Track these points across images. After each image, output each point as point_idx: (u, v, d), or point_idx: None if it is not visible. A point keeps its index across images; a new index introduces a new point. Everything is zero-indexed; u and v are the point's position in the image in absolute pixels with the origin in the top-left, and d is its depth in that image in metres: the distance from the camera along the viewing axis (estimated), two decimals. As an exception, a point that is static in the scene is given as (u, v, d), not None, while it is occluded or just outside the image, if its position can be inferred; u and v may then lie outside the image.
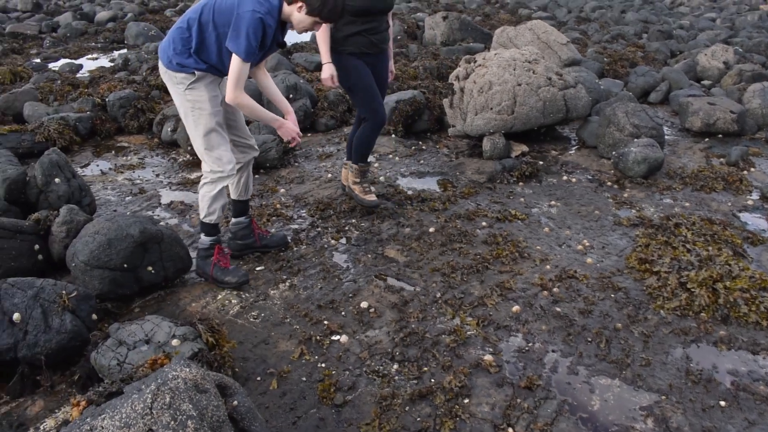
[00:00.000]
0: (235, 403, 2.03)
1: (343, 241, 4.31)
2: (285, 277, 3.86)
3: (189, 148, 5.74)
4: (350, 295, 3.66)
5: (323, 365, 3.08)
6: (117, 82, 7.59)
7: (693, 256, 3.96)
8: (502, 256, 4.05)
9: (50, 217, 3.86)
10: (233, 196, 3.93)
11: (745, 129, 6.56)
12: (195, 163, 5.72)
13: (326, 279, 3.83)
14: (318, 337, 3.27)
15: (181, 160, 5.90)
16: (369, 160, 4.77)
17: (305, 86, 6.93)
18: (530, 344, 3.24)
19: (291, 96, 6.48)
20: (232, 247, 4.00)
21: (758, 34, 12.57)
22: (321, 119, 6.74)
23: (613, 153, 5.56)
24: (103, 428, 1.72)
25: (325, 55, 4.23)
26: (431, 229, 4.42)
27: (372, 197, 4.70)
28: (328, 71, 4.23)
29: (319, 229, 4.48)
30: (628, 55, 9.85)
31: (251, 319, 3.45)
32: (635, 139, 5.54)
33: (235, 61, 3.22)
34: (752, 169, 5.64)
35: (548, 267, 3.94)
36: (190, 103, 3.44)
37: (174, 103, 3.84)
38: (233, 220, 4.01)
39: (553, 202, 4.92)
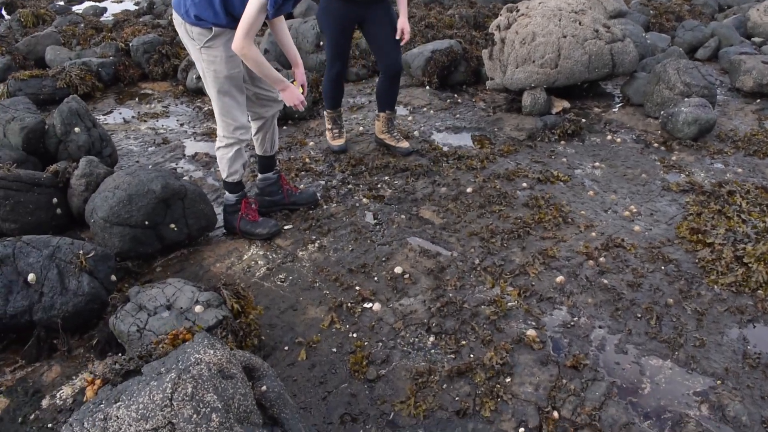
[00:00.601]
0: (264, 388, 1.87)
1: (376, 199, 4.10)
2: (314, 237, 3.67)
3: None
4: (383, 259, 3.47)
5: (354, 335, 2.91)
6: (141, 26, 7.32)
7: (749, 227, 3.69)
8: (545, 220, 3.81)
9: (69, 169, 3.69)
10: (258, 152, 3.74)
11: (802, 89, 6.13)
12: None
13: (357, 241, 3.64)
14: (349, 304, 3.10)
15: (206, 108, 5.68)
16: (402, 112, 4.60)
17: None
18: (575, 318, 3.04)
19: (321, 43, 6.17)
20: (260, 204, 3.82)
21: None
22: (352, 69, 6.44)
23: (662, 112, 5.22)
24: (118, 418, 1.56)
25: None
26: (469, 189, 4.18)
27: (340, 141, 4.67)
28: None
29: (350, 186, 4.26)
30: (674, 8, 9.27)
31: (278, 282, 3.29)
32: (686, 99, 5.18)
33: (254, 6, 2.92)
34: (811, 133, 5.26)
35: (593, 234, 3.70)
36: (205, 62, 3.21)
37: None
38: (260, 176, 3.82)
39: (597, 164, 4.64)
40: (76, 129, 4.06)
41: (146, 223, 3.33)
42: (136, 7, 9.58)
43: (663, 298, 3.18)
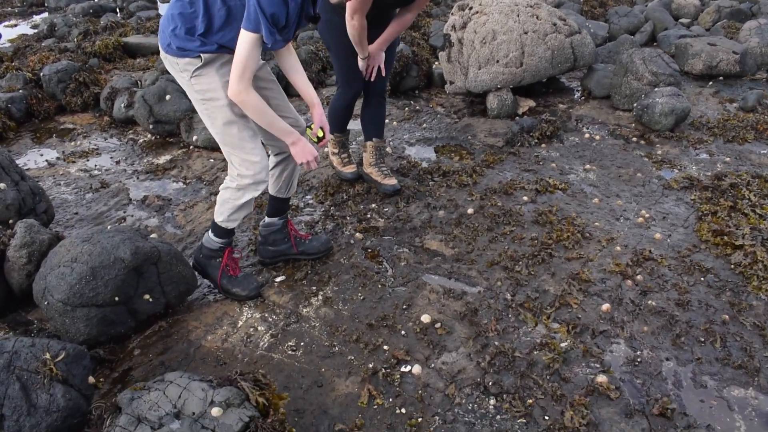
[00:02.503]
0: None
1: (370, 232, 3.61)
2: (314, 288, 3.15)
3: (150, 126, 4.81)
4: (403, 306, 3.01)
5: (403, 411, 2.44)
6: (47, 51, 6.43)
7: (770, 222, 3.52)
8: (563, 238, 3.47)
9: (3, 238, 2.98)
10: (270, 191, 3.15)
11: (746, 69, 6.19)
12: (160, 144, 4.82)
13: (366, 286, 3.15)
14: (384, 370, 2.62)
15: (141, 141, 4.97)
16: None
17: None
18: (638, 353, 2.70)
19: (260, 56, 5.58)
20: (262, 254, 3.26)
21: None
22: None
23: (635, 105, 5.04)
24: None
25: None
26: (469, 210, 3.78)
27: (352, 168, 4.14)
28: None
29: (337, 219, 3.75)
30: (596, -7, 9.30)
31: (290, 352, 2.75)
32: (656, 89, 5.02)
33: (246, 41, 2.41)
34: (773, 114, 5.25)
35: (618, 248, 3.40)
36: (198, 93, 2.66)
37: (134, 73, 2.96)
38: (266, 220, 3.24)
39: (587, 166, 4.37)
40: (1, 185, 3.32)
41: (116, 299, 2.70)
42: (35, 31, 8.51)
43: (717, 315, 2.91)
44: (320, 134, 2.90)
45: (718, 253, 3.35)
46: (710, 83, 6.05)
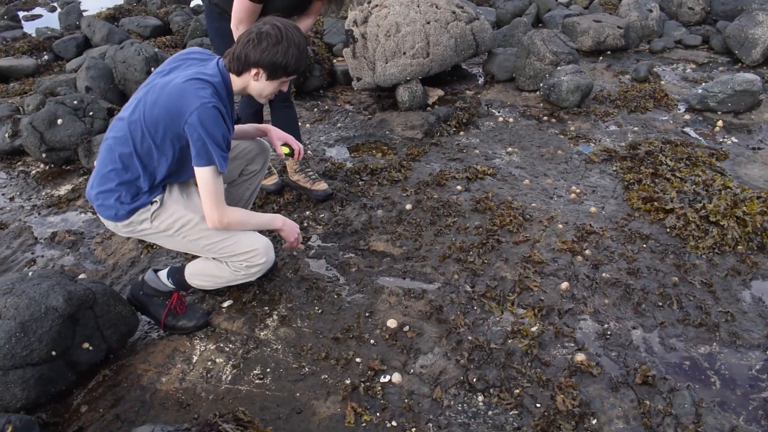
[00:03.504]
0: None
1: (312, 241, 3.44)
2: (267, 308, 2.94)
3: (43, 155, 4.34)
4: (366, 314, 2.87)
5: (394, 423, 2.31)
6: None
7: (690, 184, 3.70)
8: (506, 223, 3.47)
9: None
10: None
11: (629, 42, 6.54)
12: (57, 173, 4.36)
13: (322, 299, 2.98)
14: (363, 384, 2.47)
15: (34, 172, 4.46)
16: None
17: (164, 55, 5.62)
18: (606, 326, 2.73)
19: (152, 69, 5.19)
20: (132, 292, 2.82)
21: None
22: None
23: (541, 85, 5.17)
24: None
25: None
26: (407, 206, 3.69)
27: (273, 179, 3.94)
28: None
29: (273, 232, 3.53)
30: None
31: (257, 381, 2.54)
32: (558, 68, 5.18)
33: (208, 176, 2.35)
34: (662, 82, 5.58)
35: (560, 226, 3.44)
36: (168, 229, 2.54)
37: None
38: (158, 275, 2.87)
39: (509, 149, 4.42)
40: None
41: (53, 353, 2.37)
42: None
43: (667, 278, 3.01)
44: (286, 151, 2.95)
45: (651, 219, 3.47)
46: (600, 58, 6.33)
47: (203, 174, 2.36)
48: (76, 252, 3.46)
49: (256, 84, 2.48)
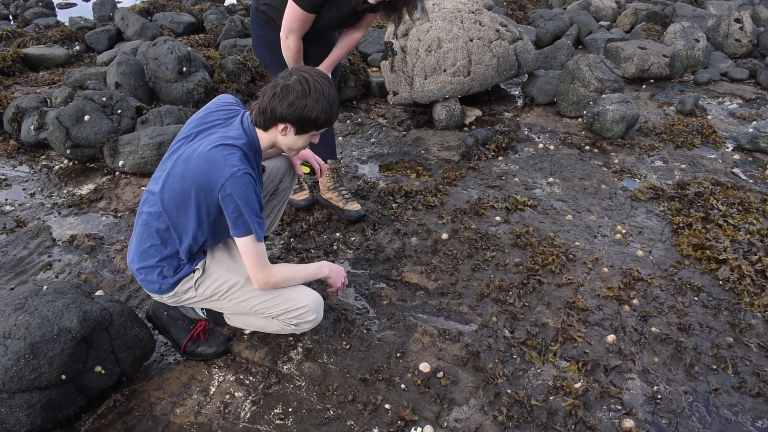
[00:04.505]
0: None
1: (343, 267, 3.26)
2: (291, 339, 2.77)
3: (68, 151, 4.21)
4: (397, 354, 2.69)
5: (426, 484, 2.12)
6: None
7: (744, 233, 3.49)
8: (548, 262, 3.28)
9: None
10: None
11: (674, 72, 6.33)
12: (80, 171, 4.24)
13: (350, 333, 2.81)
14: (393, 435, 2.29)
15: (57, 168, 4.34)
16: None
17: (197, 54, 5.49)
18: (655, 388, 2.53)
19: (185, 69, 5.06)
20: (155, 312, 2.69)
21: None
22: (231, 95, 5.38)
23: (585, 112, 4.97)
24: None
25: None
26: (444, 236, 3.51)
27: (305, 195, 3.77)
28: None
29: (300, 253, 3.37)
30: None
31: (277, 421, 2.37)
32: (603, 95, 4.98)
33: (247, 244, 2.25)
34: (709, 117, 5.37)
35: (605, 270, 3.25)
36: (214, 294, 2.44)
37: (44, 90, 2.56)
38: None
39: (550, 179, 4.22)
40: None
41: (63, 377, 2.22)
42: None
43: (720, 337, 2.81)
44: (306, 170, 2.88)
45: (703, 269, 3.26)
46: (644, 86, 6.12)
47: (242, 243, 2.24)
48: (95, 259, 3.32)
49: (285, 139, 2.33)
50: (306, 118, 2.24)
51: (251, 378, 2.56)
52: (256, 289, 2.38)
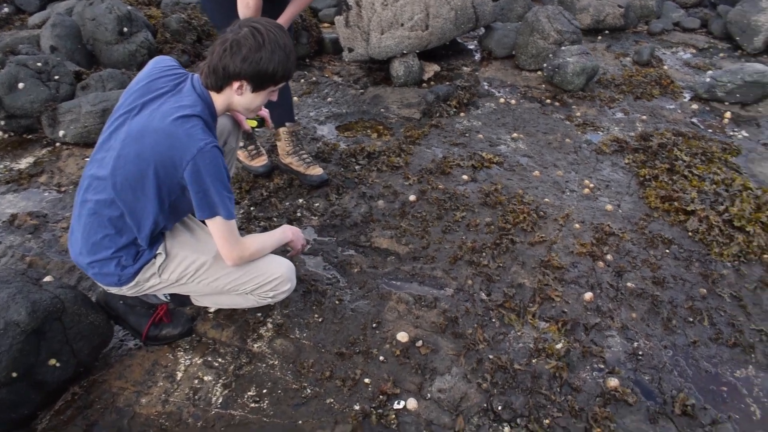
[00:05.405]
0: None
1: (306, 234, 3.12)
2: (259, 314, 2.63)
3: (2, 123, 3.88)
4: (372, 325, 2.58)
5: (413, 458, 2.05)
6: None
7: (710, 183, 3.49)
8: (519, 221, 3.20)
9: None
10: None
11: (628, 22, 6.28)
12: (17, 143, 3.92)
13: (322, 304, 2.68)
14: (375, 412, 2.20)
15: (-11, 138, 4.00)
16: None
17: (137, 13, 5.12)
18: (636, 344, 2.51)
19: (126, 29, 4.71)
20: (108, 301, 2.43)
21: None
22: (169, 56, 5.04)
23: (545, 65, 4.88)
24: None
25: None
26: (411, 197, 3.39)
27: (262, 161, 3.57)
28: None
29: (262, 222, 3.20)
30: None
31: (252, 405, 2.24)
32: (563, 48, 4.88)
33: (221, 223, 2.06)
34: (665, 67, 5.35)
35: (577, 226, 3.20)
36: (181, 278, 2.23)
37: None
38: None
39: (514, 135, 4.13)
40: None
41: (14, 375, 2.03)
42: None
43: (694, 289, 2.81)
44: (254, 124, 2.65)
45: (672, 221, 3.25)
46: (599, 37, 6.06)
47: (214, 222, 2.06)
48: (39, 239, 3.07)
49: (241, 99, 2.11)
50: (263, 72, 2.02)
51: (220, 359, 2.42)
52: (226, 266, 2.20)
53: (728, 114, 4.44)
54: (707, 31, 6.30)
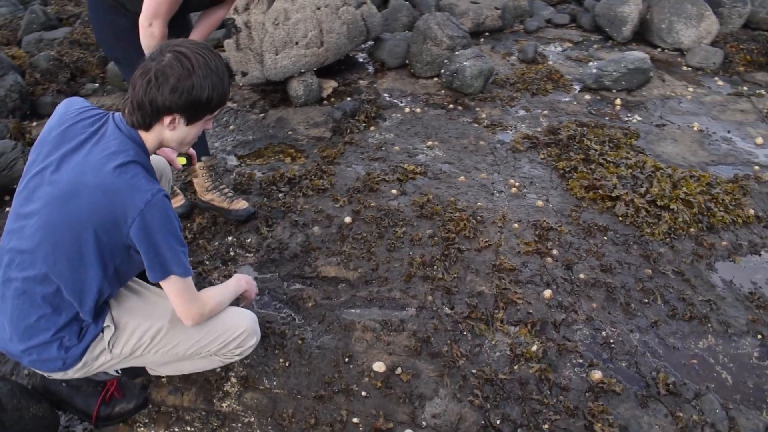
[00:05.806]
0: None
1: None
2: (220, 370, 2.38)
3: None
4: (344, 359, 2.43)
5: (426, 495, 1.92)
6: None
7: (625, 168, 3.65)
8: (460, 228, 3.17)
9: None
10: None
11: (505, 23, 6.53)
12: None
13: (284, 348, 2.49)
14: (373, 451, 2.05)
15: None
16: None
17: (1, 55, 4.59)
18: (604, 333, 2.55)
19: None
20: (48, 385, 2.13)
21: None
22: (44, 98, 4.56)
23: (443, 71, 4.93)
24: None
25: None
26: (346, 219, 3.26)
27: (179, 201, 3.31)
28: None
29: (196, 267, 2.94)
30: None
31: (236, 469, 2.01)
32: (456, 53, 4.97)
33: (176, 282, 1.82)
34: (550, 62, 5.60)
35: (515, 225, 3.22)
36: (132, 354, 1.97)
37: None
38: None
39: (429, 143, 4.12)
40: None
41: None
42: None
43: (640, 271, 2.91)
44: (183, 161, 2.38)
45: (600, 209, 3.36)
46: (481, 39, 6.24)
47: (166, 285, 1.82)
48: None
49: (174, 133, 1.84)
50: (196, 100, 1.77)
51: (188, 428, 2.16)
52: (185, 328, 1.96)
53: (618, 101, 4.70)
54: (577, 25, 6.68)
